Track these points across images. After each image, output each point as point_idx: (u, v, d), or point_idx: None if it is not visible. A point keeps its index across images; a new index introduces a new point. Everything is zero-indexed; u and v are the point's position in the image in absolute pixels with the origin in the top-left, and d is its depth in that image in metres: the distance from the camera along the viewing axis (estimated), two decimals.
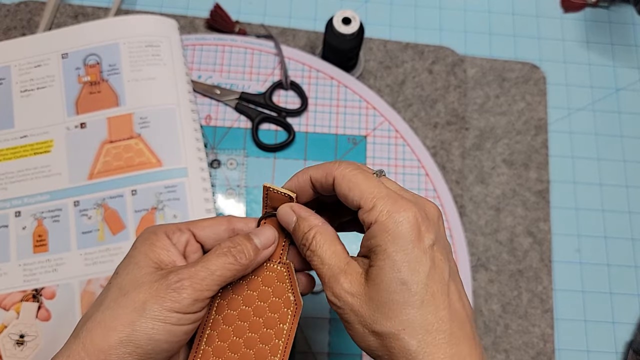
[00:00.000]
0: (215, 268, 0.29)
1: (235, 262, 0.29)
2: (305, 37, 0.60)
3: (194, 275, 0.28)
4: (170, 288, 0.27)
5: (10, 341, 0.46)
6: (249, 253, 0.30)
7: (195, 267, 0.28)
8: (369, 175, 0.29)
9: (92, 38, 0.54)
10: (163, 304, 0.27)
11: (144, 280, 0.28)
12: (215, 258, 0.29)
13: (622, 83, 0.62)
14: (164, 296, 0.27)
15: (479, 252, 0.54)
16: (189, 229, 0.31)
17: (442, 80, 0.59)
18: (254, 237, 0.31)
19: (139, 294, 0.27)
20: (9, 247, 0.48)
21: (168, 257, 0.30)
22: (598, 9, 0.65)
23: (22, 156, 0.51)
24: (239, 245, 0.30)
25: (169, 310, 0.27)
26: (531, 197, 0.56)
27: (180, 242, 0.31)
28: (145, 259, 0.29)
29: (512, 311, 0.52)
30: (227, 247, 0.30)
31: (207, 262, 0.29)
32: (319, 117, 0.55)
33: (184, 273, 0.28)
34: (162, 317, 0.27)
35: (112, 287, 0.29)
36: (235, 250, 0.29)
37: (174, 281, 0.28)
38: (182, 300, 0.27)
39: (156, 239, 0.30)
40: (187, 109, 0.52)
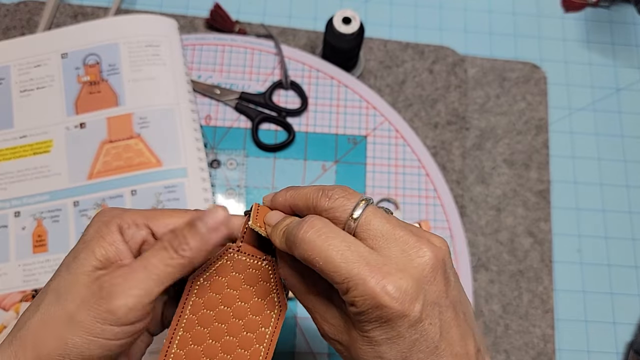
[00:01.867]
0: (153, 267, 0.24)
1: (177, 256, 0.25)
2: (305, 37, 0.60)
3: (128, 277, 0.24)
4: (101, 295, 0.24)
5: None
6: (193, 241, 0.25)
7: (131, 266, 0.25)
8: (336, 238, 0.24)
9: (91, 38, 0.54)
10: (95, 315, 0.24)
11: (78, 284, 0.24)
12: (153, 254, 0.25)
13: (622, 83, 0.62)
14: (95, 306, 0.24)
15: (479, 252, 0.54)
16: (146, 225, 0.27)
17: (442, 80, 0.59)
18: (198, 222, 0.26)
19: (70, 302, 0.24)
20: (8, 247, 0.48)
21: (115, 255, 0.26)
22: (599, 9, 0.65)
23: (22, 156, 0.51)
24: (179, 235, 0.25)
25: (101, 322, 0.24)
26: (532, 197, 0.56)
27: (135, 240, 0.27)
28: (89, 256, 0.25)
29: (512, 311, 0.52)
30: (167, 239, 0.25)
31: (145, 259, 0.25)
32: (319, 117, 0.55)
33: (116, 275, 0.24)
34: (95, 331, 0.24)
35: (49, 290, 0.25)
36: (176, 242, 0.25)
37: (106, 286, 0.24)
38: (116, 310, 0.24)
39: (107, 231, 0.26)
40: (187, 108, 0.52)
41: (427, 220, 0.52)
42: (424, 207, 0.53)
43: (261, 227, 0.28)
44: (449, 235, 0.52)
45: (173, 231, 0.26)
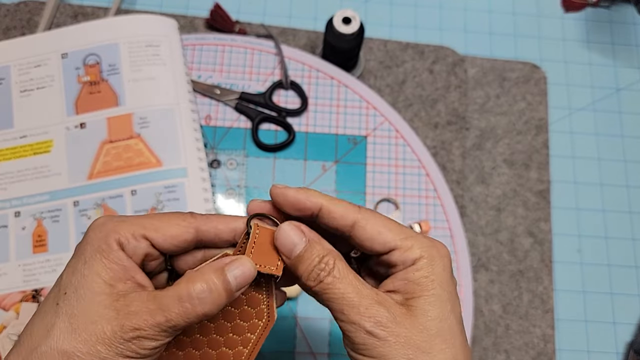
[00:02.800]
0: (175, 321, 0.25)
1: (201, 313, 0.25)
2: (305, 37, 0.60)
3: (153, 325, 0.25)
4: (127, 337, 0.24)
5: (10, 341, 0.46)
6: (219, 299, 0.26)
7: (154, 315, 0.25)
8: (391, 220, 0.28)
9: (91, 38, 0.54)
10: (121, 353, 0.24)
11: (98, 319, 0.25)
12: (175, 307, 0.25)
13: (622, 83, 0.62)
14: (121, 346, 0.24)
15: (479, 253, 0.54)
16: (144, 236, 0.27)
17: (442, 80, 0.59)
18: (228, 272, 0.26)
19: (94, 339, 0.24)
20: (8, 247, 0.48)
21: (124, 274, 0.26)
22: (599, 9, 0.64)
23: (22, 156, 0.51)
24: (205, 291, 0.25)
25: (126, 358, 0.25)
26: (532, 197, 0.56)
27: (138, 254, 0.27)
28: (97, 281, 0.25)
29: (512, 311, 0.52)
30: (193, 296, 0.25)
31: (167, 309, 0.25)
32: (319, 117, 0.55)
33: (141, 321, 0.25)
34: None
35: (61, 314, 0.25)
36: (200, 298, 0.25)
37: (130, 329, 0.24)
38: (141, 351, 0.25)
39: (109, 250, 0.26)
40: (187, 108, 0.52)
41: (427, 220, 0.52)
42: (424, 207, 0.53)
43: (262, 266, 0.28)
44: (449, 235, 0.52)
45: (202, 278, 0.25)
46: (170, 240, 0.27)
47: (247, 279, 0.26)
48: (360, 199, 0.53)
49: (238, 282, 0.26)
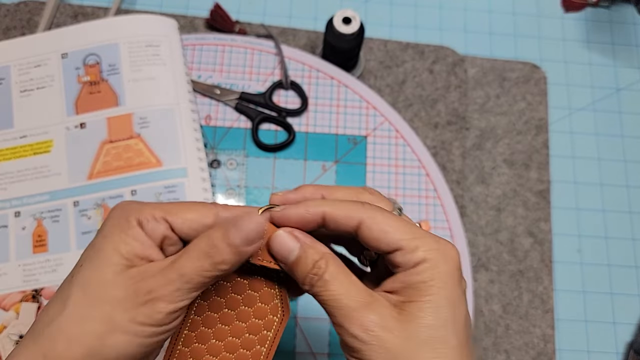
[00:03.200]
0: (190, 276, 0.25)
1: (215, 269, 0.25)
2: (305, 37, 0.60)
3: (166, 284, 0.25)
4: (140, 301, 0.24)
5: (10, 342, 0.46)
6: (229, 256, 0.25)
7: (167, 274, 0.25)
8: (399, 217, 0.27)
9: (91, 38, 0.54)
10: (134, 318, 0.24)
11: (111, 285, 0.25)
12: (189, 263, 0.25)
13: (622, 83, 0.62)
14: (135, 310, 0.24)
15: (479, 253, 0.54)
16: (165, 219, 0.26)
17: (442, 80, 0.59)
18: (234, 235, 0.25)
19: (107, 305, 0.24)
20: (8, 247, 0.48)
21: (142, 251, 0.26)
22: (599, 9, 0.64)
23: (22, 156, 0.51)
24: (215, 247, 0.25)
25: (141, 324, 0.24)
26: (532, 197, 0.56)
27: (156, 234, 0.26)
28: (114, 254, 0.25)
29: (512, 311, 0.52)
30: (203, 249, 0.25)
31: (180, 266, 0.25)
32: (319, 117, 0.55)
33: (154, 282, 0.25)
34: (134, 331, 0.24)
35: (75, 285, 0.25)
36: (212, 253, 0.25)
37: (144, 292, 0.24)
38: (155, 315, 0.24)
39: (128, 226, 0.26)
40: (187, 108, 0.52)
41: (427, 220, 0.52)
42: (424, 207, 0.53)
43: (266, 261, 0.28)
44: (449, 235, 0.52)
45: (209, 238, 0.25)
46: (189, 223, 0.27)
47: (255, 231, 0.26)
48: None
49: (246, 236, 0.25)
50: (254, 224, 0.25)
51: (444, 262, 0.26)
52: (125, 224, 0.26)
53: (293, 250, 0.27)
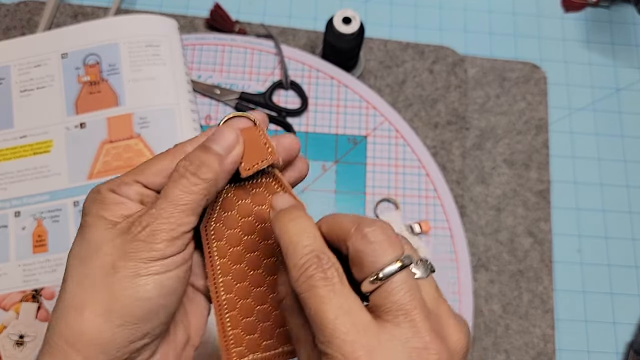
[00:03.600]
0: (178, 197, 0.24)
1: (199, 181, 0.24)
2: (305, 37, 0.60)
3: (157, 216, 0.23)
4: (137, 240, 0.23)
5: (10, 342, 0.46)
6: (211, 164, 0.24)
7: (156, 206, 0.24)
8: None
9: (91, 38, 0.53)
10: (136, 258, 0.23)
11: (103, 240, 0.24)
12: (173, 186, 0.24)
13: (622, 83, 0.62)
14: (134, 251, 0.23)
15: (479, 252, 0.54)
16: (134, 180, 0.25)
17: (442, 80, 0.59)
18: (210, 144, 0.25)
19: (103, 257, 0.23)
20: (8, 247, 0.48)
21: (126, 210, 0.24)
22: (599, 9, 0.64)
23: (22, 156, 0.51)
24: (195, 159, 0.24)
25: (146, 261, 0.23)
26: (532, 197, 0.56)
27: (131, 195, 0.25)
28: (98, 220, 0.24)
29: (512, 311, 0.52)
30: (183, 167, 0.24)
31: (167, 195, 0.24)
32: (319, 117, 0.55)
33: (145, 219, 0.23)
34: (143, 270, 0.23)
35: (69, 261, 0.24)
36: (193, 167, 0.24)
37: (138, 231, 0.23)
38: (157, 248, 0.23)
39: (103, 197, 0.25)
40: (187, 109, 0.52)
41: (427, 220, 0.52)
42: (424, 207, 0.53)
43: (256, 164, 0.26)
44: (449, 235, 0.52)
45: (187, 158, 0.25)
46: (160, 172, 0.25)
47: (229, 138, 0.25)
48: (360, 199, 0.53)
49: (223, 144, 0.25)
50: (227, 130, 0.25)
51: None
52: (99, 197, 0.25)
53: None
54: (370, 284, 0.21)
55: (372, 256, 0.21)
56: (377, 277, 0.21)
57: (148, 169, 0.26)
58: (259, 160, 0.26)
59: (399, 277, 0.21)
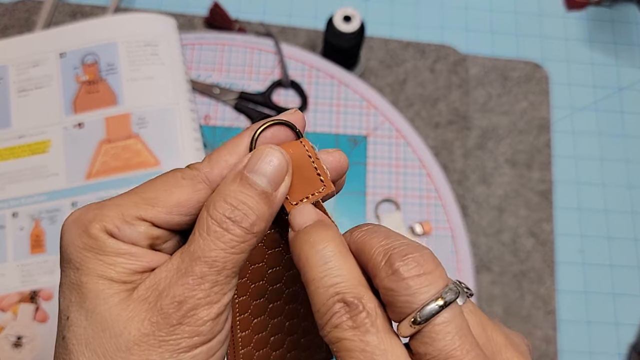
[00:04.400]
0: (218, 260, 0.18)
1: (249, 236, 0.18)
2: (305, 36, 0.60)
3: (196, 285, 0.18)
4: (174, 322, 0.17)
5: (8, 343, 0.46)
6: (261, 210, 0.18)
7: (191, 272, 0.18)
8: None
9: (90, 37, 0.53)
10: (178, 347, 0.17)
11: (124, 322, 0.18)
12: (209, 243, 0.18)
13: (625, 82, 0.61)
14: (171, 338, 0.17)
15: (481, 253, 0.54)
16: (140, 217, 0.19)
17: (443, 79, 0.58)
18: (252, 176, 0.19)
19: (133, 352, 0.17)
20: (6, 248, 0.48)
21: (135, 263, 0.18)
22: (601, 8, 0.64)
23: (19, 156, 0.50)
24: (236, 202, 0.18)
25: (188, 350, 0.18)
26: (534, 197, 0.56)
27: (139, 240, 0.19)
28: (104, 285, 0.18)
29: (514, 313, 0.52)
30: (222, 214, 0.18)
31: (203, 254, 0.18)
32: (320, 117, 0.55)
33: (180, 290, 0.18)
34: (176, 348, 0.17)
35: (72, 349, 0.18)
36: (237, 215, 0.18)
37: (174, 309, 0.17)
38: (201, 332, 0.18)
39: (99, 244, 0.18)
40: (185, 108, 0.52)
41: (428, 221, 0.52)
42: (425, 207, 0.52)
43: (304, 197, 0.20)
44: (450, 235, 0.51)
45: (224, 198, 0.18)
46: (177, 210, 0.19)
47: (278, 166, 0.19)
48: (360, 199, 0.52)
49: (270, 176, 0.19)
50: (271, 153, 0.19)
51: None
52: (94, 245, 0.18)
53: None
54: (408, 327, 0.17)
55: (406, 295, 0.17)
56: (415, 320, 0.17)
57: (161, 201, 0.19)
58: (310, 192, 0.20)
59: (442, 318, 0.17)
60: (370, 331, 0.17)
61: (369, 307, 0.17)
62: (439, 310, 0.17)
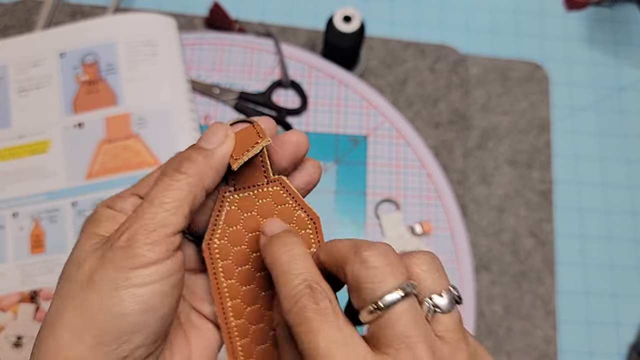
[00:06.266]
0: (159, 196, 0.22)
1: (181, 176, 0.22)
2: (305, 36, 0.60)
3: (136, 218, 0.21)
4: (115, 248, 0.21)
5: (8, 343, 0.46)
6: (195, 158, 0.22)
7: (137, 209, 0.22)
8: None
9: (90, 37, 0.53)
10: (113, 268, 0.21)
11: (86, 255, 0.22)
12: (155, 185, 0.22)
13: (625, 82, 0.61)
14: (111, 260, 0.21)
15: (481, 253, 0.53)
16: (130, 193, 0.24)
17: (443, 79, 0.58)
18: (198, 142, 0.24)
19: (82, 271, 0.21)
20: (6, 248, 0.48)
21: (116, 225, 0.23)
22: (601, 8, 0.64)
23: (19, 156, 0.50)
24: (178, 157, 0.23)
25: (124, 271, 0.20)
26: (534, 197, 0.55)
27: (126, 208, 0.23)
28: (89, 237, 0.22)
29: (514, 313, 0.52)
30: (165, 166, 0.23)
31: (149, 195, 0.22)
32: (319, 117, 0.55)
33: (124, 224, 0.22)
34: (120, 282, 0.20)
35: (58, 281, 0.22)
36: (176, 164, 0.22)
37: (116, 238, 0.21)
38: (136, 254, 0.21)
39: (98, 214, 0.23)
40: (185, 108, 0.52)
41: (428, 221, 0.52)
42: (425, 207, 0.52)
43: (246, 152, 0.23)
44: (450, 235, 0.51)
45: (169, 159, 0.23)
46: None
47: (216, 131, 0.23)
48: (360, 199, 0.52)
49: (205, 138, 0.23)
50: (216, 127, 0.24)
51: None
52: (95, 215, 0.23)
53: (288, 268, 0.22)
54: (369, 314, 0.19)
55: (371, 283, 0.19)
56: (376, 306, 0.19)
57: (145, 180, 0.24)
58: (249, 148, 0.23)
59: (400, 307, 0.19)
60: (331, 314, 0.19)
61: (329, 294, 0.20)
62: (399, 300, 0.19)
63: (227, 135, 0.24)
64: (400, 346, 0.19)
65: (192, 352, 0.24)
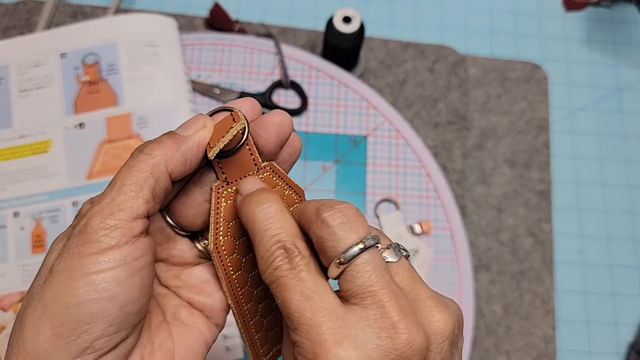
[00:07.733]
0: (122, 178, 0.21)
1: (144, 157, 0.22)
2: (305, 36, 0.60)
3: (97, 203, 0.21)
4: (73, 235, 0.21)
5: None
6: (163, 142, 0.22)
7: (100, 194, 0.22)
8: None
9: (91, 37, 0.53)
10: (69, 256, 0.20)
11: (53, 247, 0.22)
12: (120, 169, 0.22)
13: (624, 82, 0.61)
14: (68, 248, 0.20)
15: (480, 253, 0.54)
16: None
17: (443, 79, 0.59)
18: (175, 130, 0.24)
19: (45, 263, 0.21)
20: (7, 247, 0.48)
21: None
22: (600, 8, 0.64)
23: (21, 156, 0.51)
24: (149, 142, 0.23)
25: (79, 257, 0.20)
26: (533, 197, 0.56)
27: None
28: (66, 232, 0.23)
29: (513, 312, 0.52)
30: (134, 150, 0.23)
31: (112, 179, 0.22)
32: (319, 117, 0.55)
33: (87, 212, 0.21)
34: (76, 270, 0.20)
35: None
36: (142, 146, 0.22)
37: (75, 225, 0.21)
38: (91, 239, 0.20)
39: (81, 210, 0.24)
40: (186, 108, 0.52)
41: (427, 220, 0.52)
42: (425, 207, 0.52)
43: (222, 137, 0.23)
44: (449, 235, 0.52)
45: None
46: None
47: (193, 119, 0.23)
48: (360, 199, 0.53)
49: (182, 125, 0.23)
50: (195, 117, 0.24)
51: None
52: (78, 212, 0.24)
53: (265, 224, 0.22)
54: (335, 268, 0.20)
55: (332, 240, 0.20)
56: (339, 261, 0.20)
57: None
58: (224, 133, 0.23)
59: (362, 259, 0.20)
60: (304, 270, 0.20)
61: (303, 252, 0.21)
62: (360, 253, 0.20)
63: (205, 125, 0.23)
64: (366, 295, 0.20)
65: (175, 351, 0.24)
